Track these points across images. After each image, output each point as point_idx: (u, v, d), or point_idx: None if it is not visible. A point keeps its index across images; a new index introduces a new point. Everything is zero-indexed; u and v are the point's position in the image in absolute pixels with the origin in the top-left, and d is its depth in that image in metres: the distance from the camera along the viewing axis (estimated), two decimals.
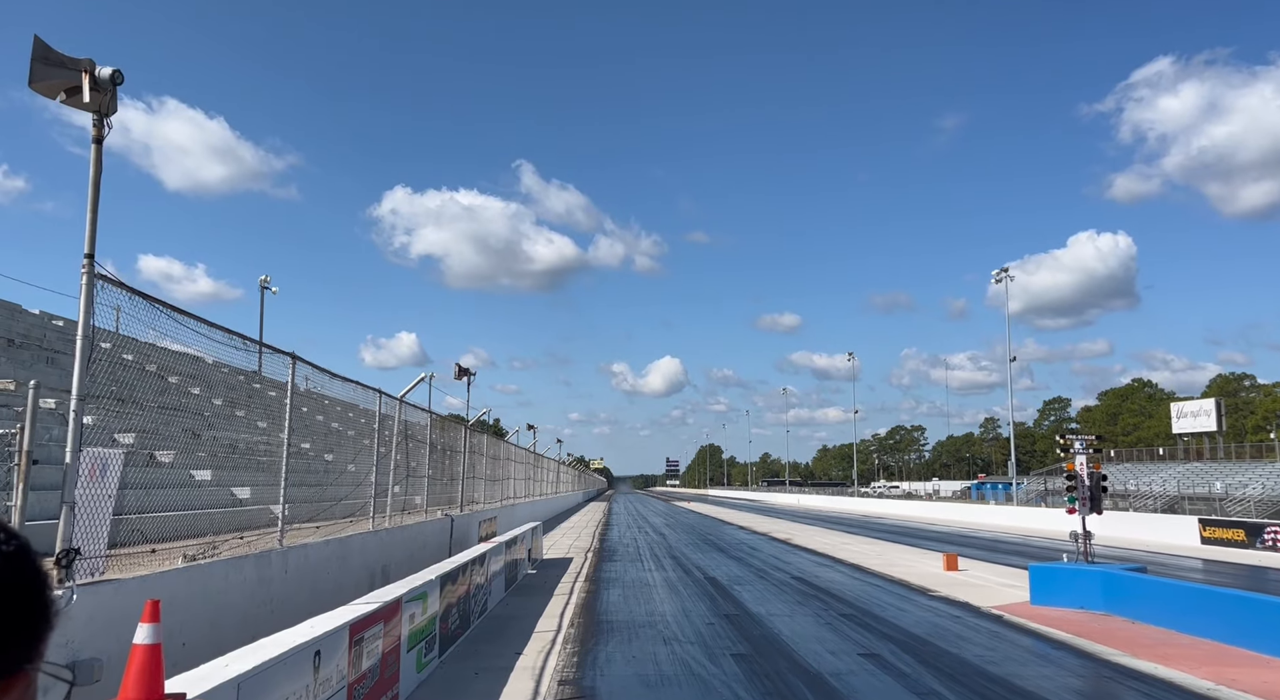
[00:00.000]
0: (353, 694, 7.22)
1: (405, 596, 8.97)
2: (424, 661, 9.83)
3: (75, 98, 7.15)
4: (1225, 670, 10.23)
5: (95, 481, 7.05)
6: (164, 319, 8.38)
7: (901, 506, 71.50)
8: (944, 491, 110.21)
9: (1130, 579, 14.56)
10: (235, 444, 14.50)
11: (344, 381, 14.60)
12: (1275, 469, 60.21)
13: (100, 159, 7.09)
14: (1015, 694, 9.24)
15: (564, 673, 10.24)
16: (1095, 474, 16.05)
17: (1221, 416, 71.82)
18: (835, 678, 9.95)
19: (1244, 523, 32.27)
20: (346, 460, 18.34)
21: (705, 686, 9.58)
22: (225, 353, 10.01)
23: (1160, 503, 57.75)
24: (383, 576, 13.91)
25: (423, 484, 19.89)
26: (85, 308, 6.92)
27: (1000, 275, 60.78)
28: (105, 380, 7.83)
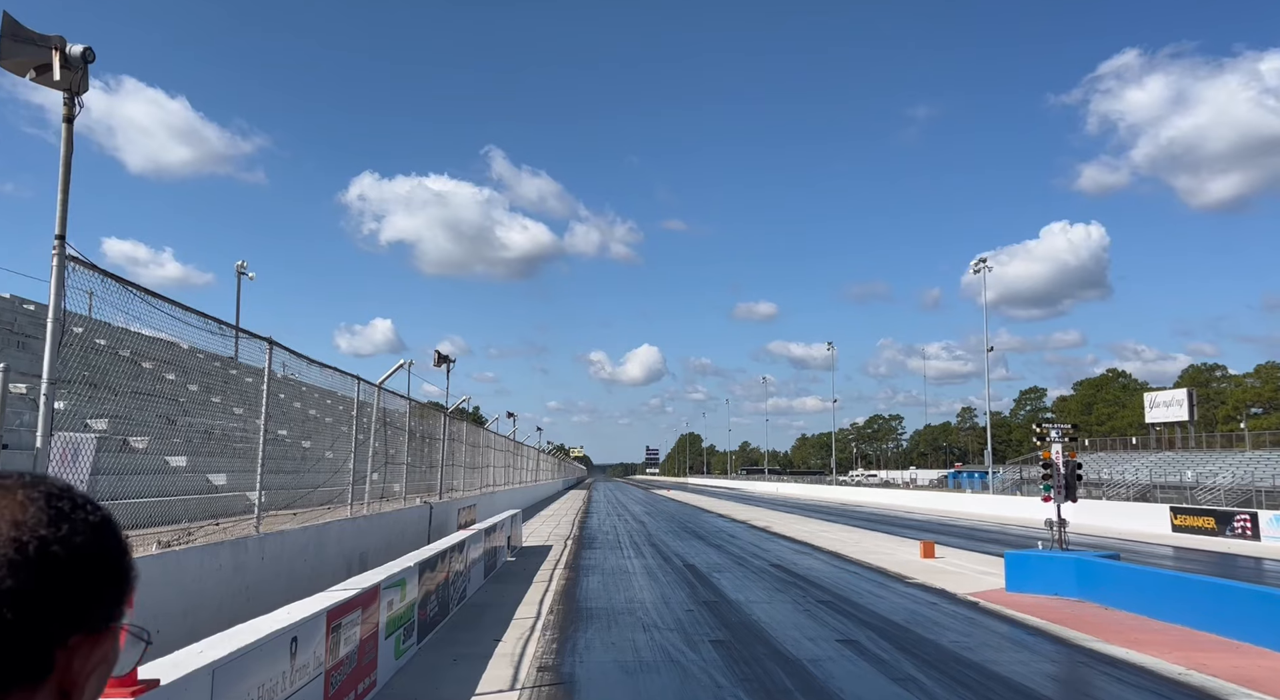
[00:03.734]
0: (330, 681, 7.17)
1: (384, 583, 8.93)
2: (402, 648, 9.79)
3: (45, 76, 7.00)
4: (1196, 655, 10.38)
5: (67, 467, 6.94)
6: (137, 303, 8.24)
7: (879, 495, 72.04)
8: (921, 480, 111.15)
9: (1103, 566, 14.74)
10: (211, 430, 14.35)
11: (322, 367, 14.46)
12: (1245, 458, 61.14)
13: (71, 138, 6.95)
14: (991, 679, 9.33)
15: (543, 659, 10.24)
16: (1071, 462, 16.22)
17: (1193, 406, 72.78)
18: (814, 664, 10.01)
19: (1214, 511, 32.78)
20: (324, 447, 18.22)
21: (684, 673, 9.61)
22: (200, 338, 9.87)
23: (1133, 491, 58.53)
24: (360, 564, 13.83)
25: (401, 471, 19.79)
26: (56, 290, 6.80)
27: (978, 265, 61.14)
28: (77, 365, 7.71)
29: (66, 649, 0.79)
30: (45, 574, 0.77)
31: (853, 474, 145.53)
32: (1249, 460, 59.81)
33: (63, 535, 0.79)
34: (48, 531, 0.78)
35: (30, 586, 0.75)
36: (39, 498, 0.81)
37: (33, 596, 0.76)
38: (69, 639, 0.79)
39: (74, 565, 0.79)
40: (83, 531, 0.81)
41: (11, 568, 0.75)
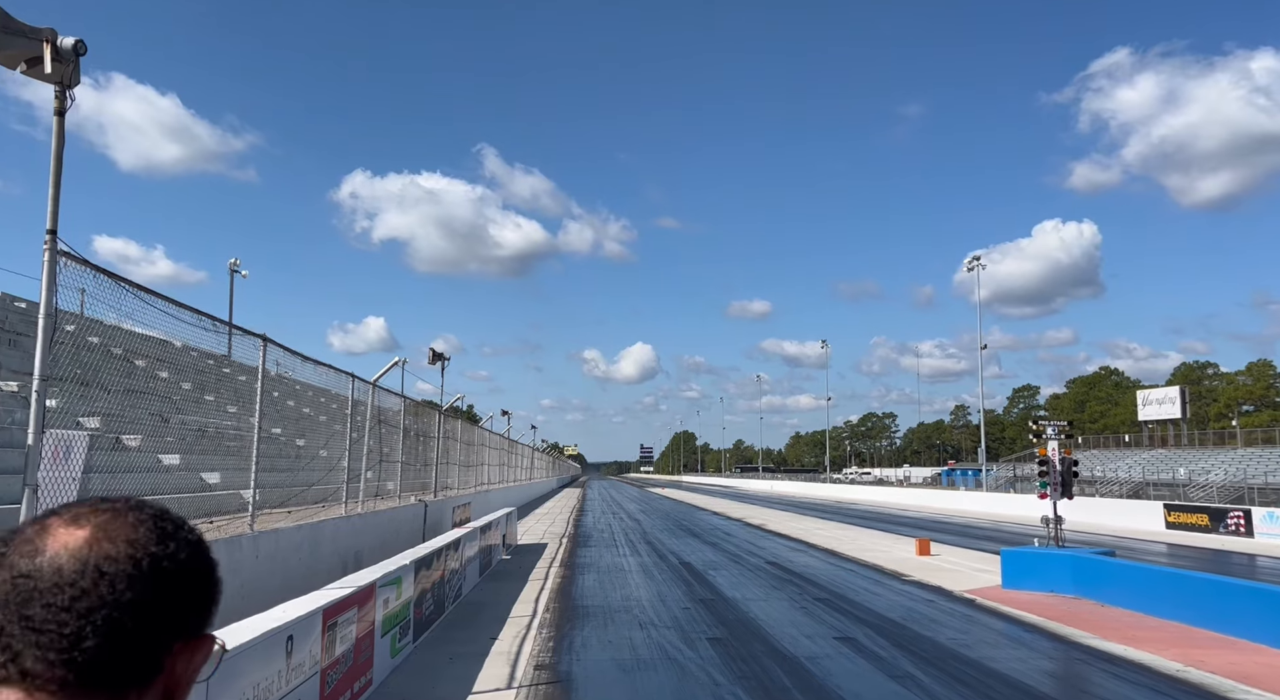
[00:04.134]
0: (326, 679, 7.11)
1: (379, 581, 8.86)
2: (398, 647, 9.73)
3: (36, 68, 6.91)
4: (1193, 652, 10.37)
5: (59, 465, 6.87)
6: (130, 299, 8.16)
7: (873, 493, 72.13)
8: (915, 478, 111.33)
9: (1099, 563, 14.75)
10: (204, 428, 14.25)
11: (317, 365, 14.39)
12: (1237, 456, 61.35)
13: (63, 132, 6.86)
14: (989, 676, 9.31)
15: (540, 657, 10.19)
16: (1067, 460, 16.22)
17: (1186, 404, 72.94)
18: (812, 661, 9.98)
19: (1208, 508, 32.87)
20: (318, 445, 18.12)
21: (682, 671, 9.57)
22: (194, 335, 9.80)
23: (1126, 488, 58.69)
24: (355, 562, 13.76)
25: (396, 469, 19.71)
26: (48, 285, 6.71)
27: (972, 263, 61.24)
28: (69, 363, 7.63)
29: (171, 654, 0.87)
30: (158, 587, 0.86)
31: (847, 472, 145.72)
32: (1241, 457, 60.01)
33: (170, 552, 0.88)
34: (158, 549, 0.87)
35: (147, 598, 0.85)
36: (147, 519, 0.89)
37: (148, 607, 0.85)
38: (174, 645, 0.87)
39: (180, 578, 0.88)
40: (185, 548, 0.90)
41: (130, 582, 0.84)
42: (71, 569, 0.83)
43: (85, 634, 0.81)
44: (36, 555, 0.84)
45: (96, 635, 0.82)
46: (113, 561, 0.84)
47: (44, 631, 0.81)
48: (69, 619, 0.81)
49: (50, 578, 0.83)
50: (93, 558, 0.84)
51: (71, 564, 0.83)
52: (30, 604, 0.82)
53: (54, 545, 0.85)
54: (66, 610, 0.81)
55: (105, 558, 0.84)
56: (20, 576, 0.83)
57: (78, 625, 0.81)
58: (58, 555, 0.84)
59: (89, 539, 0.85)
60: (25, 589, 0.82)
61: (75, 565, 0.83)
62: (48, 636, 0.81)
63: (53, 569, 0.83)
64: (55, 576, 0.83)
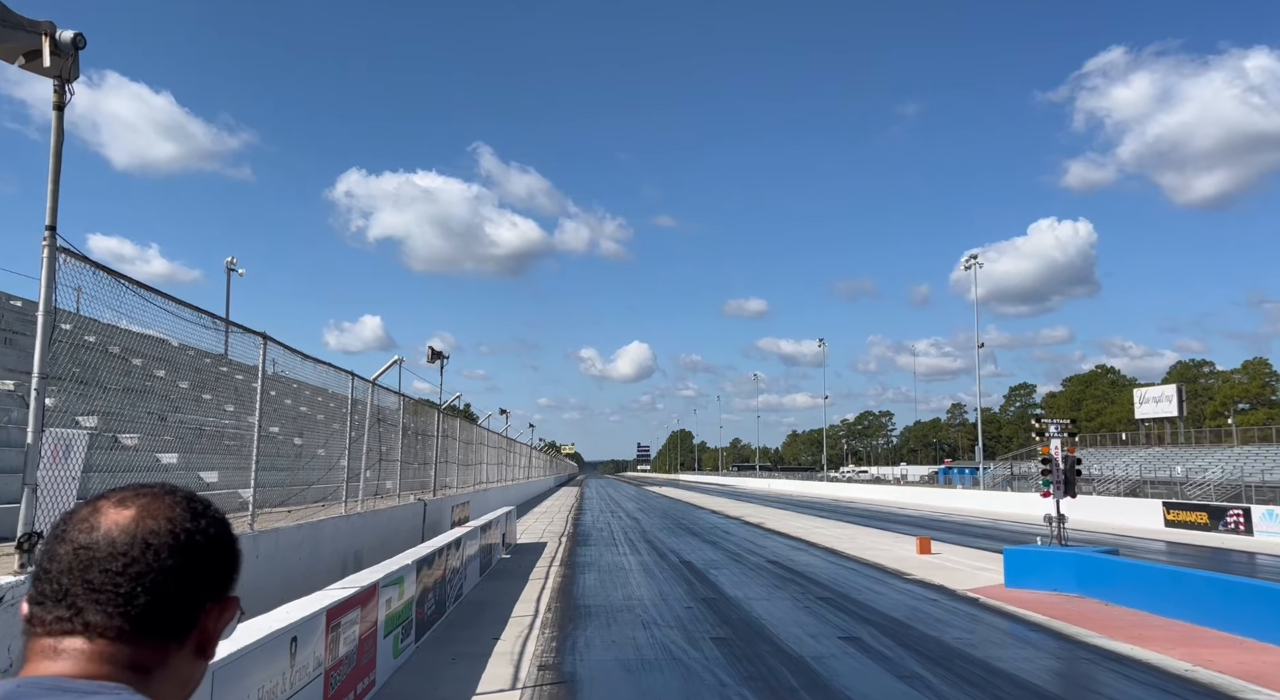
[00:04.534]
0: (329, 681, 7.02)
1: (382, 581, 8.78)
2: (400, 647, 9.64)
3: (35, 62, 6.81)
4: (1200, 651, 10.32)
5: (58, 463, 6.77)
6: (129, 296, 8.05)
7: (871, 491, 72.11)
8: (912, 476, 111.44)
9: (1103, 562, 14.69)
10: (202, 427, 14.13)
11: (316, 363, 14.29)
12: (1233, 453, 61.44)
13: (62, 126, 6.76)
14: (997, 676, 9.24)
15: (543, 658, 10.10)
16: (1070, 458, 16.16)
17: (1183, 402, 73.03)
18: (818, 661, 9.90)
19: (1207, 506, 32.87)
20: (317, 444, 18.00)
21: (687, 671, 9.49)
22: (192, 333, 9.69)
23: (1123, 486, 58.77)
24: (355, 562, 13.66)
25: (395, 468, 19.60)
26: (47, 282, 6.60)
27: (969, 262, 61.22)
28: (67, 362, 7.52)
29: (204, 613, 1.04)
30: (192, 555, 1.03)
31: (844, 470, 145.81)
32: (1238, 455, 60.10)
33: (202, 527, 1.06)
34: (191, 525, 1.05)
35: (184, 564, 1.02)
36: (181, 501, 1.07)
37: (185, 572, 1.02)
38: (206, 605, 1.05)
39: (209, 549, 1.06)
40: (214, 525, 1.08)
41: (171, 551, 1.01)
42: (123, 541, 1.00)
43: (136, 593, 0.99)
44: (93, 531, 1.01)
45: (145, 594, 0.99)
46: (156, 535, 1.02)
47: (102, 591, 0.98)
48: (123, 582, 0.99)
49: (106, 548, 1.00)
50: (139, 532, 1.01)
51: (123, 537, 1.01)
52: (90, 569, 0.99)
53: (106, 522, 1.02)
54: (121, 574, 0.99)
55: (150, 532, 1.02)
56: (81, 548, 1.00)
57: (130, 586, 0.99)
58: (110, 530, 1.01)
59: (135, 517, 1.03)
60: (85, 558, 0.99)
61: (125, 538, 1.01)
62: (105, 595, 0.98)
63: (107, 541, 1.00)
64: (110, 547, 1.00)
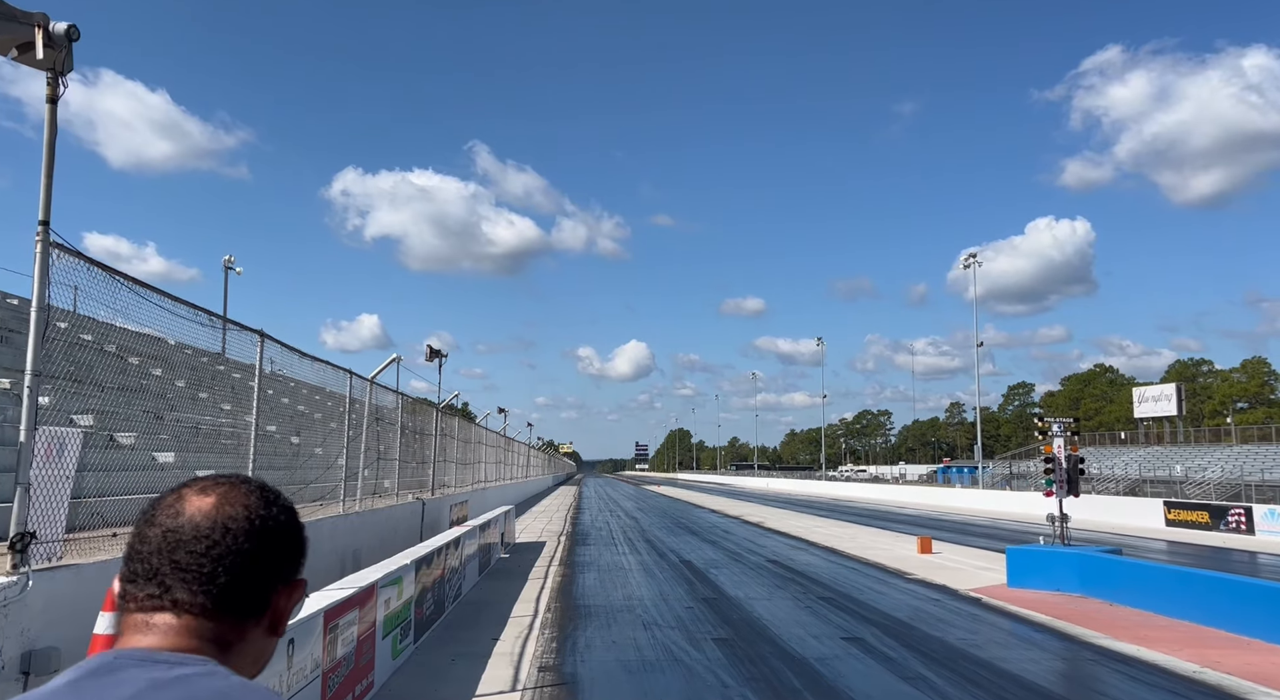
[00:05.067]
0: (327, 683, 6.92)
1: (380, 582, 8.67)
2: (399, 648, 9.54)
3: (28, 55, 6.69)
4: (1207, 652, 10.22)
5: (52, 462, 6.65)
6: (125, 294, 7.93)
7: (869, 490, 72.05)
8: (910, 475, 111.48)
9: (1107, 561, 14.60)
10: (199, 426, 14.02)
11: (314, 361, 14.17)
12: (1233, 452, 61.40)
13: (55, 120, 6.63)
14: (1002, 677, 9.15)
15: (543, 659, 10.00)
16: (1073, 457, 16.08)
17: (1182, 401, 73.00)
18: (821, 662, 9.80)
19: (1208, 505, 32.81)
20: (315, 443, 17.89)
21: (689, 672, 9.39)
22: (188, 330, 9.55)
23: (1123, 486, 58.71)
24: (354, 561, 13.56)
25: (393, 467, 19.49)
26: (40, 277, 6.48)
27: (968, 260, 61.17)
28: (62, 360, 7.42)
29: (275, 593, 1.14)
30: (266, 540, 1.13)
31: (842, 469, 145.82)
32: (1237, 454, 60.07)
33: (274, 514, 1.15)
34: (265, 512, 1.14)
35: (259, 548, 1.12)
36: (255, 490, 1.16)
37: (261, 555, 1.12)
38: (278, 586, 1.14)
39: (281, 534, 1.15)
40: (284, 512, 1.17)
41: (248, 535, 1.11)
42: (205, 525, 1.10)
43: (218, 573, 1.08)
44: (179, 515, 1.11)
45: (225, 574, 1.08)
46: (234, 520, 1.11)
47: (188, 571, 1.08)
48: (206, 562, 1.08)
49: (190, 531, 1.09)
50: (219, 517, 1.11)
51: (205, 521, 1.10)
52: (177, 551, 1.09)
53: (190, 508, 1.12)
54: (204, 555, 1.08)
55: (229, 517, 1.11)
56: (169, 531, 1.10)
57: (212, 567, 1.08)
58: (194, 515, 1.11)
59: (216, 503, 1.12)
60: (173, 540, 1.09)
61: (208, 523, 1.10)
62: (191, 574, 1.07)
63: (192, 525, 1.10)
64: (194, 530, 1.09)
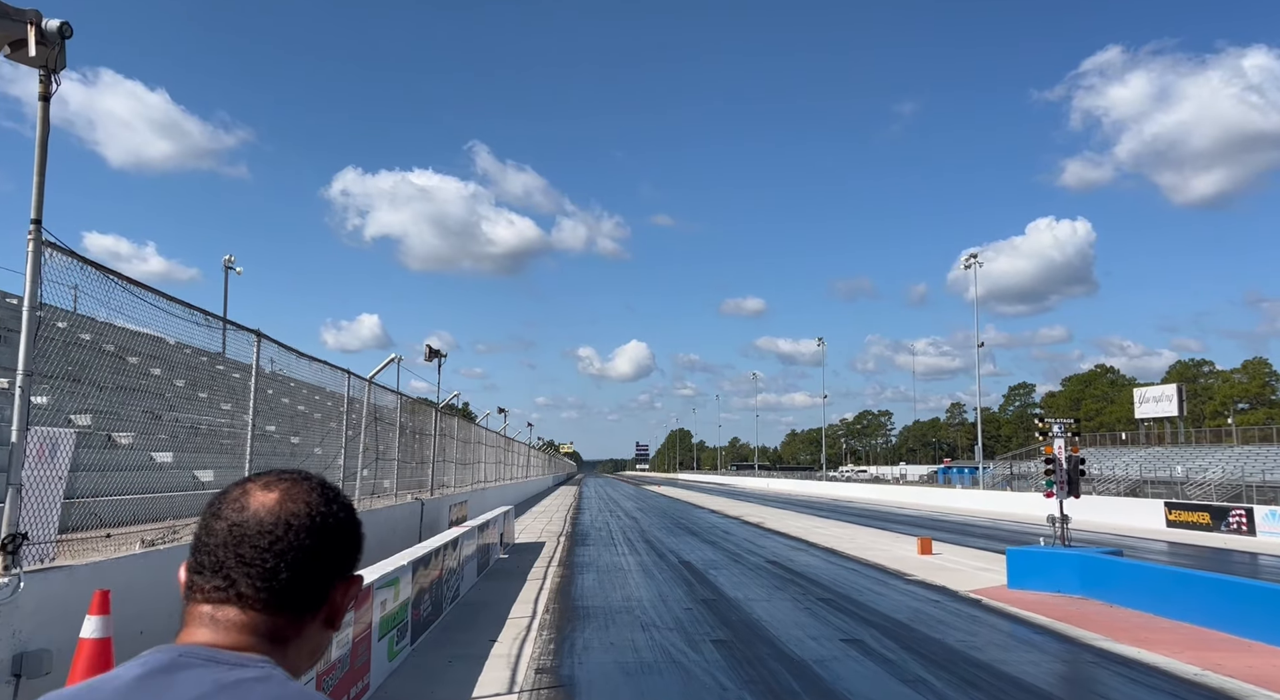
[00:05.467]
0: (321, 685, 6.86)
1: (376, 583, 8.61)
2: (395, 650, 9.48)
3: (20, 52, 6.65)
4: (1208, 654, 10.16)
5: (44, 462, 6.60)
6: (119, 292, 7.89)
7: (870, 491, 71.98)
8: (911, 476, 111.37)
9: (1108, 563, 14.54)
10: (198, 426, 13.97)
11: (311, 361, 14.12)
12: (1234, 453, 61.32)
13: (47, 117, 6.60)
14: (1002, 680, 9.08)
15: (541, 661, 9.94)
16: (1073, 457, 16.02)
17: (1183, 402, 72.88)
18: (819, 664, 9.74)
19: (1209, 506, 32.73)
20: (313, 443, 17.84)
21: (687, 674, 9.33)
22: (186, 330, 9.51)
23: (1123, 486, 58.64)
24: None
25: (392, 467, 19.45)
26: (32, 277, 6.44)
27: (969, 261, 61.11)
28: (60, 359, 7.37)
29: (333, 589, 1.15)
30: (325, 536, 1.14)
31: (843, 469, 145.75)
32: (1238, 455, 59.98)
33: (334, 511, 1.17)
34: (325, 509, 1.16)
35: (319, 544, 1.13)
36: (316, 487, 1.18)
37: (320, 551, 1.13)
38: (335, 582, 1.16)
39: (340, 531, 1.17)
40: (343, 510, 1.19)
41: (309, 532, 1.13)
42: (269, 521, 1.12)
43: (280, 568, 1.10)
44: (244, 511, 1.13)
45: (287, 569, 1.10)
46: (296, 517, 1.13)
47: (252, 565, 1.09)
48: (269, 557, 1.10)
49: (255, 526, 1.11)
50: (283, 514, 1.13)
51: (269, 517, 1.12)
52: (242, 545, 1.10)
53: (254, 504, 1.13)
54: (268, 550, 1.10)
55: (291, 514, 1.13)
56: (234, 525, 1.12)
57: (275, 562, 1.10)
58: (258, 511, 1.12)
59: (279, 499, 1.14)
60: (238, 534, 1.11)
61: (271, 518, 1.12)
62: (255, 568, 1.09)
63: (256, 520, 1.12)
64: (258, 525, 1.11)
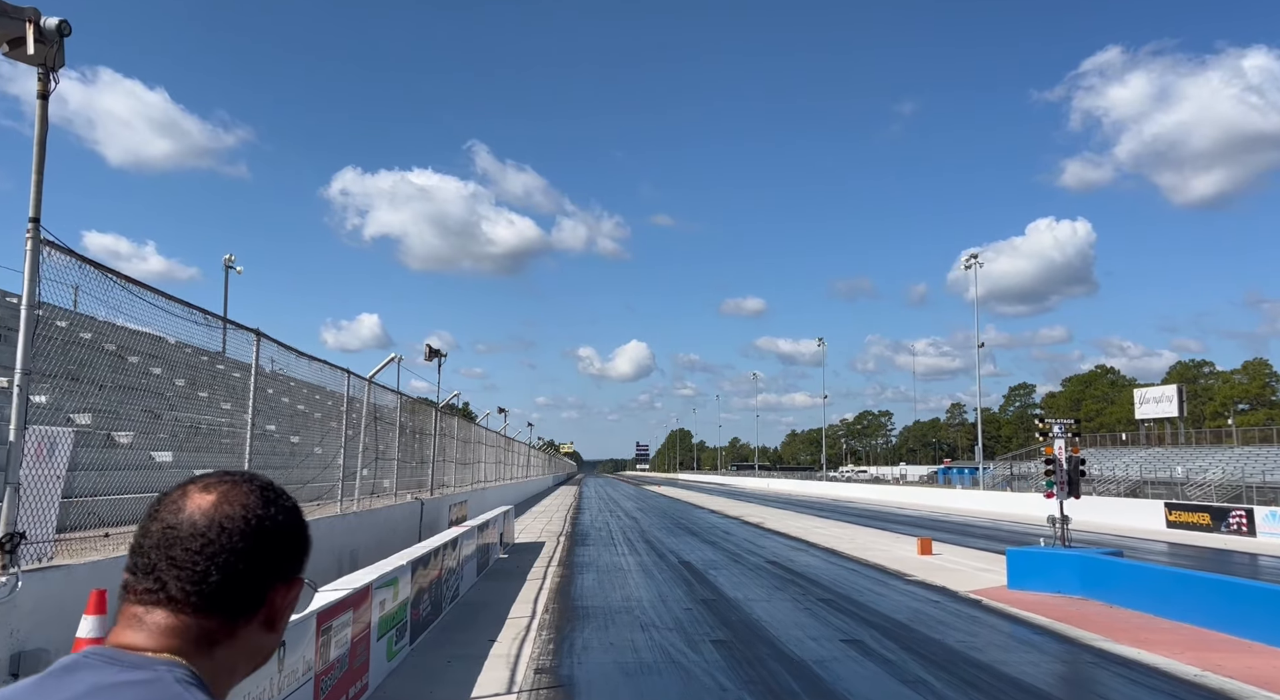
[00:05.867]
0: (320, 686, 6.85)
1: (375, 583, 8.59)
2: (394, 650, 9.47)
3: (19, 50, 6.64)
4: (1208, 655, 10.15)
5: (42, 462, 6.59)
6: (118, 291, 7.88)
7: (870, 491, 71.94)
8: (911, 476, 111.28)
9: (1108, 563, 14.52)
10: (198, 425, 13.96)
11: (311, 360, 14.11)
12: (1234, 454, 61.28)
13: (46, 115, 6.58)
14: (1002, 681, 9.07)
15: (540, 661, 9.93)
16: (1074, 458, 16.00)
17: (1183, 402, 72.81)
18: (819, 665, 9.73)
19: (1209, 507, 32.71)
20: (313, 442, 17.83)
21: (687, 675, 9.32)
22: (185, 329, 9.50)
23: (1124, 487, 58.61)
24: (351, 561, 13.50)
25: (392, 467, 19.43)
26: (30, 275, 6.43)
27: (969, 261, 61.07)
28: (60, 358, 7.36)
29: (272, 591, 1.13)
30: (263, 539, 1.13)
31: (843, 470, 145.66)
32: (1239, 456, 59.95)
33: (272, 514, 1.15)
34: (263, 511, 1.14)
35: (255, 547, 1.11)
36: (256, 490, 1.16)
37: (256, 554, 1.12)
38: (275, 585, 1.14)
39: (279, 534, 1.15)
40: (284, 512, 1.17)
41: (243, 535, 1.11)
42: (203, 523, 1.10)
43: (211, 571, 1.08)
44: (179, 512, 1.12)
45: (219, 572, 1.09)
46: (231, 519, 1.11)
47: (183, 568, 1.08)
48: (200, 560, 1.08)
49: (188, 529, 1.10)
50: (218, 516, 1.11)
51: (203, 520, 1.11)
52: (174, 547, 1.09)
53: (190, 506, 1.12)
54: (199, 553, 1.09)
55: (226, 516, 1.11)
56: (168, 527, 1.11)
57: (206, 564, 1.08)
58: (194, 513, 1.11)
59: (215, 502, 1.12)
60: (171, 536, 1.10)
61: (205, 521, 1.11)
62: (186, 571, 1.08)
63: (190, 523, 1.10)
64: (192, 528, 1.10)
